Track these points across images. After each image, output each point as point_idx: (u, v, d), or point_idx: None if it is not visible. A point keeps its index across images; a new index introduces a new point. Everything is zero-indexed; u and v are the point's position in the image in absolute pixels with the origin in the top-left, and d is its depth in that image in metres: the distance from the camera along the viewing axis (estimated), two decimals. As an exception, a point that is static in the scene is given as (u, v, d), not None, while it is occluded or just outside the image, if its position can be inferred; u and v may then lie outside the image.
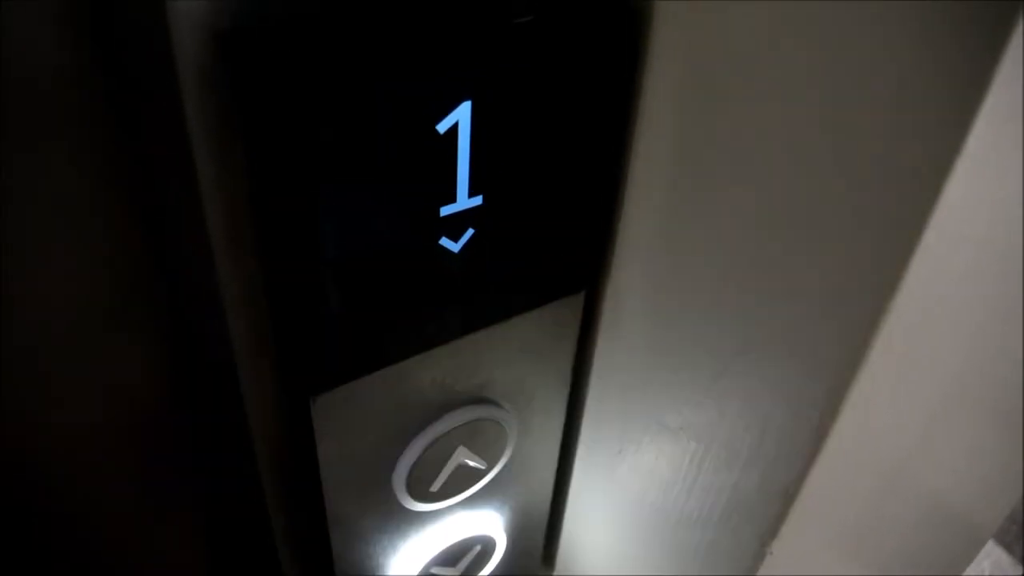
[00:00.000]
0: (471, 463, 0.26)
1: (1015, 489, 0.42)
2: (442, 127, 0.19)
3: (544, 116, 0.20)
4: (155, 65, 0.18)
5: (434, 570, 0.29)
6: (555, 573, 0.35)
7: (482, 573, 0.31)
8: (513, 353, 0.25)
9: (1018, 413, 0.30)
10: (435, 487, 0.26)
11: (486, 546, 0.30)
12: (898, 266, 0.18)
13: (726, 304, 0.22)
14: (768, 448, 0.23)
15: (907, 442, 0.26)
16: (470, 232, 0.21)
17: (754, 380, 0.22)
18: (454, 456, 0.25)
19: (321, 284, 0.19)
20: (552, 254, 0.23)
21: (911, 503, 0.32)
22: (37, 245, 0.22)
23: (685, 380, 0.24)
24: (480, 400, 0.25)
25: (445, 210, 0.20)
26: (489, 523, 0.29)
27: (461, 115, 0.19)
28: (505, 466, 0.27)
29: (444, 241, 0.21)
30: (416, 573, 0.28)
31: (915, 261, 0.18)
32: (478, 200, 0.20)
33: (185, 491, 0.30)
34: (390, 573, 0.28)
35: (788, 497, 0.23)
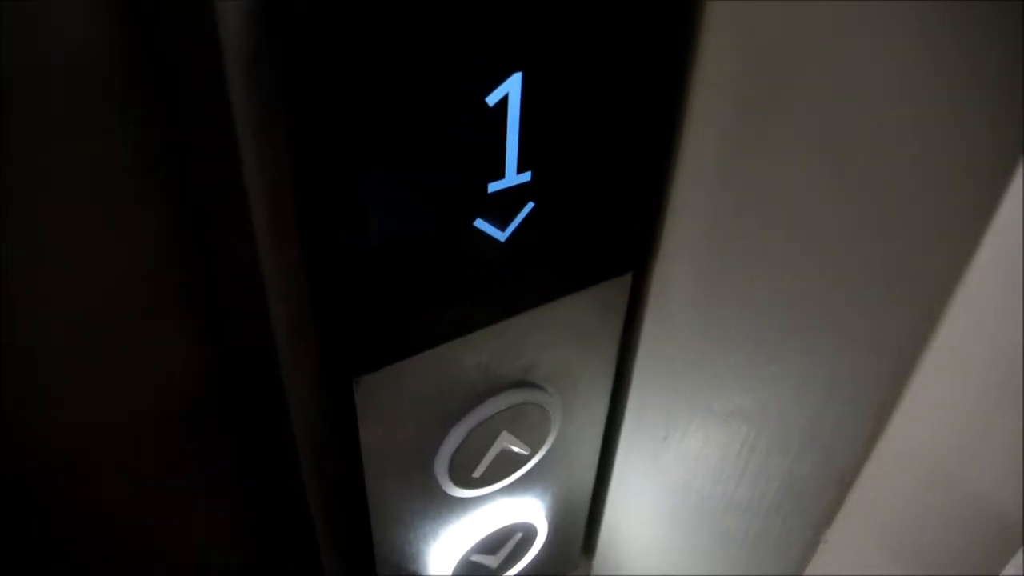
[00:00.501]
0: (514, 448, 0.26)
1: None
2: (492, 99, 0.18)
3: (595, 91, 0.20)
4: (200, 45, 0.17)
5: (474, 557, 0.28)
6: (595, 562, 0.35)
7: (522, 562, 0.31)
8: (558, 336, 0.24)
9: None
10: (477, 473, 0.25)
11: (527, 534, 0.29)
12: (963, 258, 0.17)
13: (780, 289, 0.21)
14: (824, 433, 0.22)
15: (955, 437, 0.25)
16: (520, 206, 0.20)
17: (811, 364, 0.21)
18: (497, 441, 0.25)
19: (365, 264, 0.19)
20: (599, 234, 0.23)
21: (953, 499, 0.31)
22: (78, 232, 0.22)
23: (736, 364, 0.24)
24: (524, 384, 0.25)
25: (493, 186, 0.19)
26: (531, 511, 0.29)
27: (512, 86, 0.18)
28: (548, 452, 0.27)
29: (490, 218, 0.20)
30: (456, 560, 0.28)
31: (980, 254, 0.17)
32: (527, 176, 0.20)
33: (224, 477, 0.30)
34: (430, 560, 0.28)
35: (844, 484, 0.22)
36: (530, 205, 0.20)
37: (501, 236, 0.20)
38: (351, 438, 0.23)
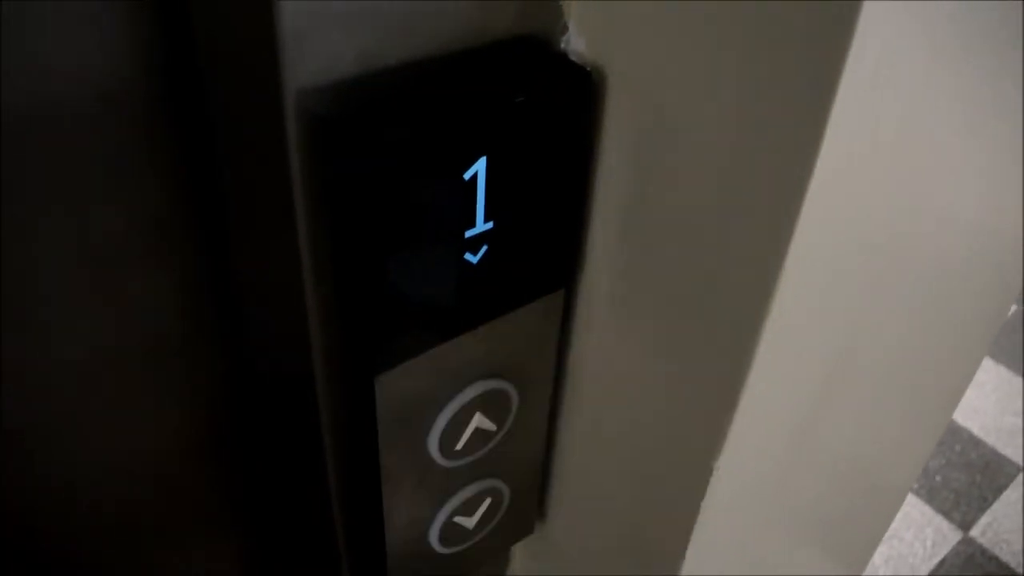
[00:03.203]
0: (485, 426, 0.34)
1: (921, 446, 0.51)
2: (467, 175, 0.27)
3: (536, 161, 0.29)
4: (259, 127, 0.26)
5: (455, 518, 0.37)
6: (546, 525, 0.43)
7: (492, 523, 0.39)
8: (515, 338, 0.33)
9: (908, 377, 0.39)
10: (459, 445, 0.34)
11: (495, 499, 0.38)
12: (780, 253, 0.27)
13: (661, 293, 0.31)
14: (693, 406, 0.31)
15: (805, 408, 0.35)
16: (484, 247, 0.29)
17: (687, 345, 0.31)
18: (473, 420, 0.34)
19: (387, 288, 0.27)
20: (540, 261, 0.32)
21: (820, 465, 0.40)
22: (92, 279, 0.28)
23: (640, 349, 0.33)
24: (491, 375, 0.33)
25: (468, 232, 0.28)
26: (496, 479, 0.37)
27: (480, 166, 0.27)
28: (508, 430, 0.36)
29: (467, 255, 0.29)
30: (442, 520, 0.36)
31: (792, 248, 0.27)
32: (490, 225, 0.29)
33: (239, 471, 0.38)
34: (425, 524, 0.36)
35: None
36: (493, 244, 0.29)
37: (474, 266, 0.29)
38: (370, 427, 0.31)
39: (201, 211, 0.30)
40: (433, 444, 0.33)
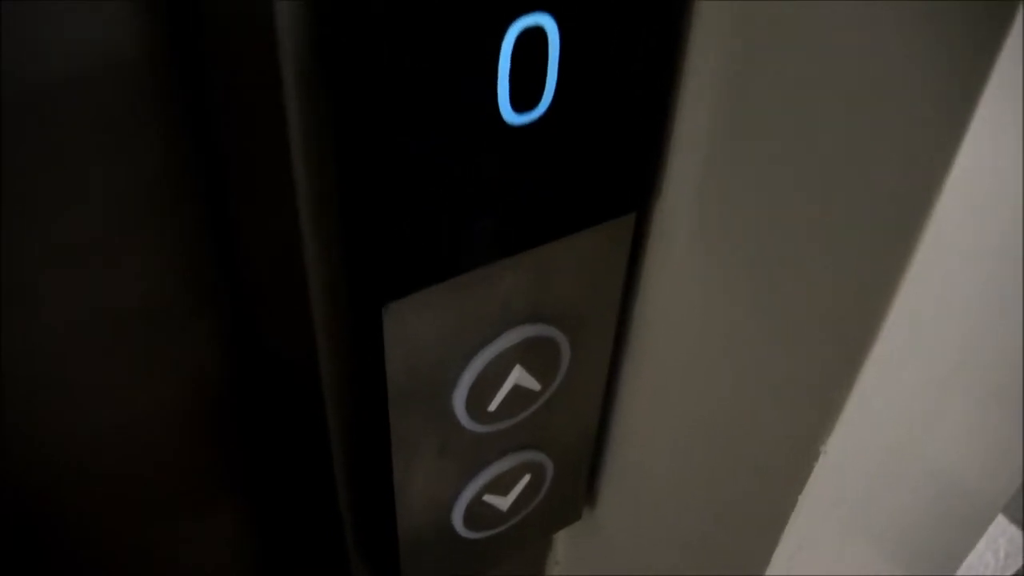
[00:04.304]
0: (526, 384, 0.27)
1: (1018, 465, 0.44)
2: (516, 35, 0.20)
3: (611, 29, 0.21)
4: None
5: (486, 497, 0.30)
6: (596, 512, 0.36)
7: (530, 506, 0.32)
8: (566, 274, 0.26)
9: (1018, 390, 0.31)
10: (492, 407, 0.27)
11: (535, 476, 0.31)
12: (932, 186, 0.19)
13: (775, 226, 0.23)
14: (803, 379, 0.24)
15: (911, 422, 0.27)
16: (533, 144, 0.22)
17: (804, 294, 0.23)
18: (511, 375, 0.27)
19: (397, 185, 0.20)
20: (605, 175, 0.24)
21: (917, 481, 0.33)
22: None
23: (734, 299, 0.25)
24: (536, 319, 0.26)
25: (513, 119, 0.21)
26: (539, 453, 0.30)
27: (537, 23, 0.20)
28: (556, 391, 0.28)
29: (509, 152, 0.22)
30: (470, 499, 0.29)
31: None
32: (543, 111, 0.21)
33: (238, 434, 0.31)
34: (446, 499, 0.29)
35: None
36: (541, 138, 0.22)
37: (519, 162, 0.22)
38: (377, 370, 0.24)
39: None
40: (459, 403, 0.26)
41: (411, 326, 0.23)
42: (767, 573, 0.29)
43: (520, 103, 0.21)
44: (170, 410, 0.29)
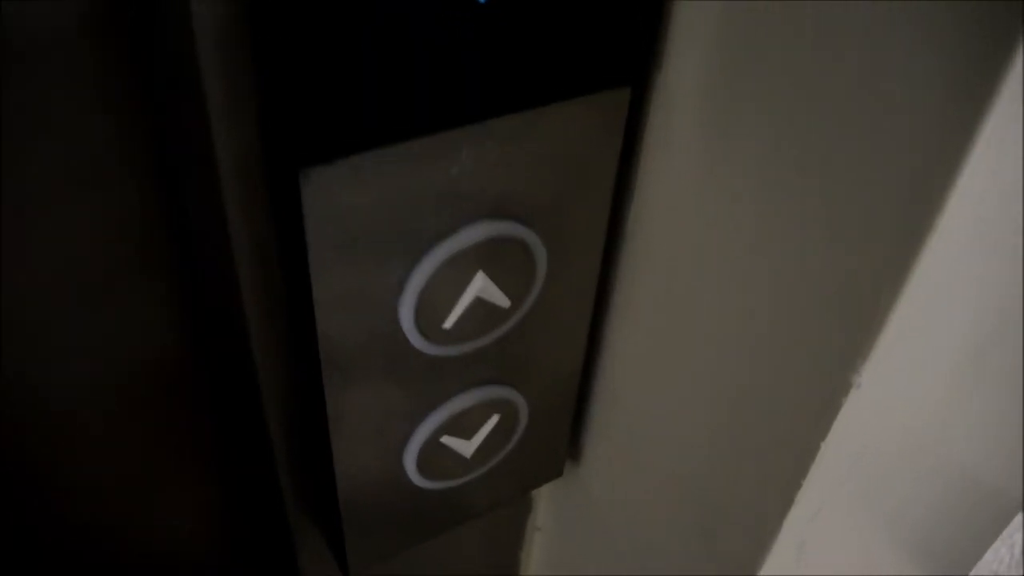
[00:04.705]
0: (491, 299, 0.22)
1: None
2: None
3: None
4: None
5: (444, 439, 0.25)
6: (580, 470, 0.31)
7: (499, 455, 0.27)
8: (544, 157, 0.21)
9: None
10: (448, 323, 0.22)
11: (505, 417, 0.26)
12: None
13: (797, 110, 0.18)
14: (839, 269, 0.19)
15: (926, 413, 0.24)
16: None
17: (823, 201, 0.18)
18: (472, 284, 0.22)
19: (321, 30, 0.15)
20: (591, 28, 0.19)
21: (934, 474, 0.29)
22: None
23: (746, 206, 0.20)
24: (504, 215, 0.21)
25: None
26: (510, 388, 0.25)
27: None
28: (531, 309, 0.23)
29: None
30: (424, 439, 0.25)
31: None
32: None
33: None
34: (394, 438, 0.24)
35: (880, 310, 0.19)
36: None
37: (479, 7, 0.17)
38: (299, 260, 0.19)
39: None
40: (406, 313, 0.21)
41: (338, 204, 0.18)
42: (777, 542, 0.24)
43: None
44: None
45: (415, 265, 0.21)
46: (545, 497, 0.34)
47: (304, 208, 0.18)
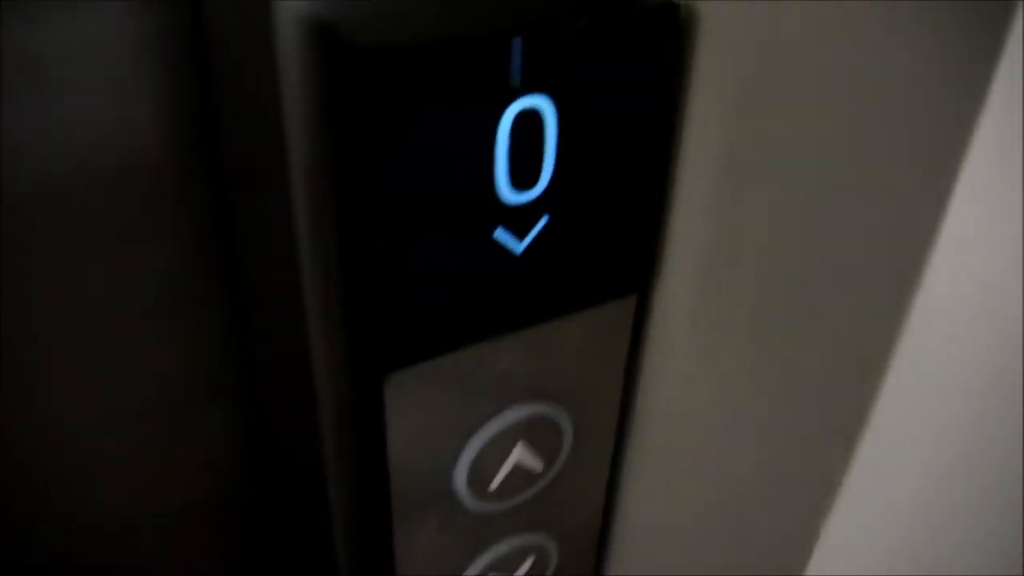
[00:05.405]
0: (528, 463, 0.27)
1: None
2: (511, 120, 0.21)
3: (606, 111, 0.22)
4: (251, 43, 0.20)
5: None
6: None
7: (534, 590, 0.32)
8: (570, 352, 0.26)
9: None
10: (493, 486, 0.27)
11: (539, 557, 0.31)
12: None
13: (770, 302, 0.24)
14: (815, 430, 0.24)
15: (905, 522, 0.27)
16: (535, 224, 0.23)
17: (800, 371, 0.23)
18: (513, 453, 0.27)
19: (398, 261, 0.21)
20: (606, 257, 0.25)
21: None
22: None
23: (731, 378, 0.26)
24: (539, 397, 0.27)
25: (513, 199, 0.22)
26: (543, 533, 0.30)
27: (532, 105, 0.21)
28: (560, 471, 0.29)
29: (511, 234, 0.23)
30: (473, 580, 0.29)
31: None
32: (540, 192, 0.22)
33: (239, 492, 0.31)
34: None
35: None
36: (545, 219, 0.23)
37: (520, 244, 0.23)
38: (378, 441, 0.25)
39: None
40: (460, 479, 0.26)
41: (413, 398, 0.24)
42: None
43: (519, 181, 0.22)
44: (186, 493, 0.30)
45: (468, 441, 0.26)
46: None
47: (386, 404, 0.23)
